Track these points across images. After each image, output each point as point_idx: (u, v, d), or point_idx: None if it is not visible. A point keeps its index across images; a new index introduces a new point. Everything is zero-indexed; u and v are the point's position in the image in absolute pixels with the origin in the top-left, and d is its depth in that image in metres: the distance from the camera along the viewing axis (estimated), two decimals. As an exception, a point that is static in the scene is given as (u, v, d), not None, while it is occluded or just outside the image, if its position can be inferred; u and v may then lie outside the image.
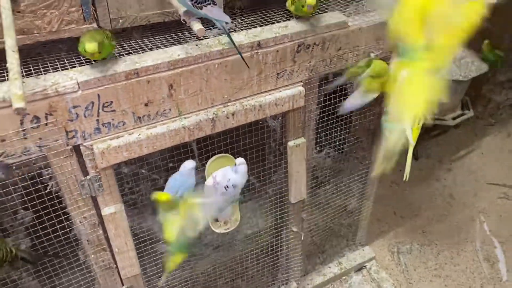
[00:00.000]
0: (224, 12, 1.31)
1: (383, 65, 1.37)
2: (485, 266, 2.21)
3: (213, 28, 1.29)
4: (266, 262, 1.81)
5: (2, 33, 0.95)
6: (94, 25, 1.16)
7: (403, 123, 1.47)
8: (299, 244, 1.77)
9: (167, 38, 1.27)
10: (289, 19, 1.34)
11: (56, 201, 1.19)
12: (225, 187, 1.30)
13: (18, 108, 0.78)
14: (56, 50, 1.18)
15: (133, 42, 1.24)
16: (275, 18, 1.38)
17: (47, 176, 1.17)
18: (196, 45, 1.16)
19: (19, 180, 1.12)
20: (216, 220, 1.44)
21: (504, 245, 2.30)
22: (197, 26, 1.00)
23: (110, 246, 1.33)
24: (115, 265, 1.38)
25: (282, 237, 1.75)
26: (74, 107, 1.05)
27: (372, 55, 1.44)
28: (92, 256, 1.32)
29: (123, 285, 1.45)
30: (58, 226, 1.23)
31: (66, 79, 1.02)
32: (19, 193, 1.15)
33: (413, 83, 1.16)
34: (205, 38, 1.20)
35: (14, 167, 1.07)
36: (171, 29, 1.32)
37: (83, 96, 1.04)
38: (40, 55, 1.16)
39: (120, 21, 1.20)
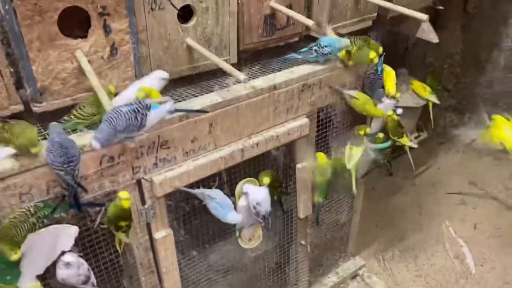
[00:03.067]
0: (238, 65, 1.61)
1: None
2: (456, 263, 2.56)
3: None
4: (278, 276, 2.04)
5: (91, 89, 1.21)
6: (143, 80, 1.41)
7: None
8: (306, 256, 2.03)
9: (195, 87, 1.55)
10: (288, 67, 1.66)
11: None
12: (253, 207, 1.56)
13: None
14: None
15: (170, 92, 1.50)
16: (273, 67, 1.69)
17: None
18: (228, 90, 1.45)
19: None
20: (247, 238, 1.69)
21: (468, 243, 2.67)
22: (242, 76, 1.29)
23: (157, 268, 1.52)
24: (159, 286, 1.57)
25: (291, 251, 2.01)
26: (140, 147, 1.29)
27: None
28: (143, 278, 1.51)
29: (165, 305, 1.63)
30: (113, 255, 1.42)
31: (136, 125, 1.25)
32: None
33: None
34: (233, 84, 1.49)
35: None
36: (196, 80, 1.59)
37: (148, 137, 1.28)
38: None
39: (159, 75, 1.47)
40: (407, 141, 2.01)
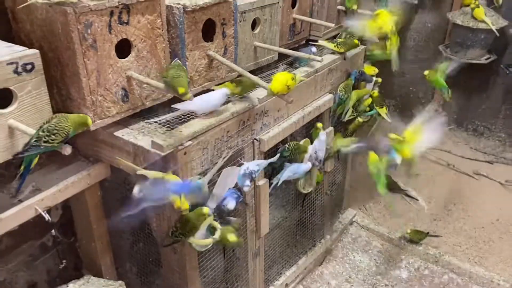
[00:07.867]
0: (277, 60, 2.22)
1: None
2: (413, 205, 3.41)
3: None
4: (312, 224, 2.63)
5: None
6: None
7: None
8: (329, 205, 2.66)
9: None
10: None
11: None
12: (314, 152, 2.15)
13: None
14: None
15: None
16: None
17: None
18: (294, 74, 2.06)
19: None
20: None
21: (414, 191, 3.56)
22: (319, 58, 1.91)
23: (256, 213, 2.02)
24: (255, 228, 2.07)
25: (317, 202, 2.62)
26: (256, 114, 1.82)
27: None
28: (248, 221, 2.00)
29: (255, 246, 2.12)
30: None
31: (256, 100, 1.80)
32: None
33: None
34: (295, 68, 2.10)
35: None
36: (257, 72, 2.14)
37: (259, 108, 1.83)
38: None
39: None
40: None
